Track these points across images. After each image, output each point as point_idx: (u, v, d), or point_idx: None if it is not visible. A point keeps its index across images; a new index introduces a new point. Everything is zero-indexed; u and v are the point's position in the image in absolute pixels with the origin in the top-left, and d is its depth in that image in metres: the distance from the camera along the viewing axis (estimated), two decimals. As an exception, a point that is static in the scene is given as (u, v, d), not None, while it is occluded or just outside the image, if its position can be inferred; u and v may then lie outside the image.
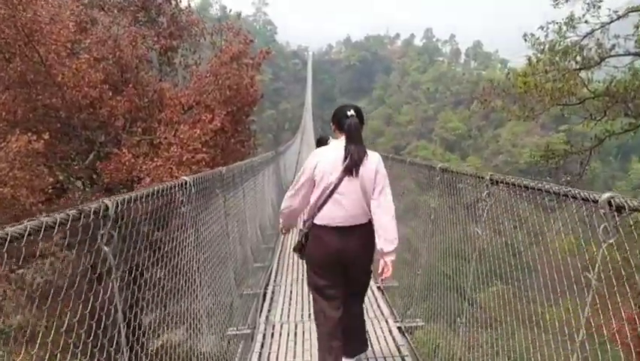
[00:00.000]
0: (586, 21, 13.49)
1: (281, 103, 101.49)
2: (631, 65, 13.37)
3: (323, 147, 3.22)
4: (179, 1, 14.34)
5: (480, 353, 3.22)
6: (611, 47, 13.18)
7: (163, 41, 13.38)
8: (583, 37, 13.41)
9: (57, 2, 11.25)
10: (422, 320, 4.51)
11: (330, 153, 3.07)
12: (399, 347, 4.21)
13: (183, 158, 10.19)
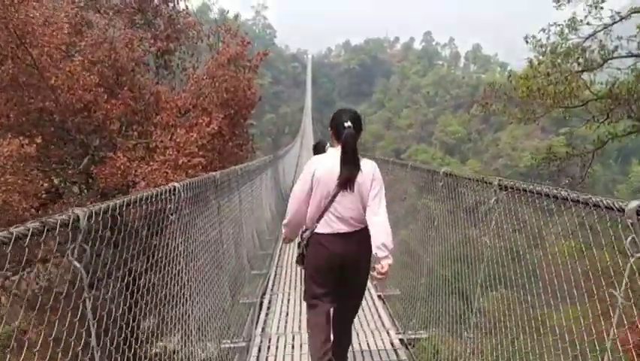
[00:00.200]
0: (588, 23, 13.32)
1: (280, 107, 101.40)
2: (634, 67, 13.19)
3: (320, 155, 3.25)
4: (176, 3, 14.18)
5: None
6: (614, 49, 13.02)
7: (160, 44, 13.19)
8: (585, 39, 13.25)
9: (51, 4, 11.10)
10: (425, 332, 4.29)
11: (327, 162, 3.07)
12: (401, 362, 4.00)
13: (179, 162, 9.99)
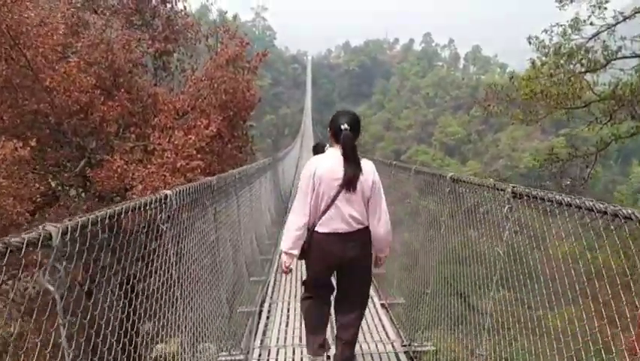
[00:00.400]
0: (591, 23, 13.15)
1: (280, 108, 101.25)
2: (638, 68, 13.01)
3: (319, 156, 3.26)
4: (174, 3, 14.01)
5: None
6: (618, 49, 12.85)
7: (158, 45, 13.02)
8: (588, 39, 13.07)
9: (47, 5, 10.91)
10: (432, 345, 4.10)
11: (327, 162, 3.10)
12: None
13: (177, 165, 9.81)
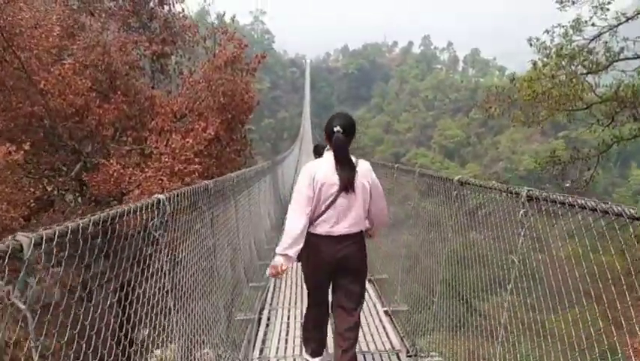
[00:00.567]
0: (593, 24, 13.02)
1: (279, 112, 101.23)
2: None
3: (317, 160, 3.29)
4: (172, 5, 13.87)
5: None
6: (620, 50, 12.71)
7: (155, 47, 12.87)
8: (590, 40, 12.94)
9: (43, 7, 10.76)
10: (440, 355, 3.92)
11: (324, 166, 3.11)
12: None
13: (175, 169, 9.63)
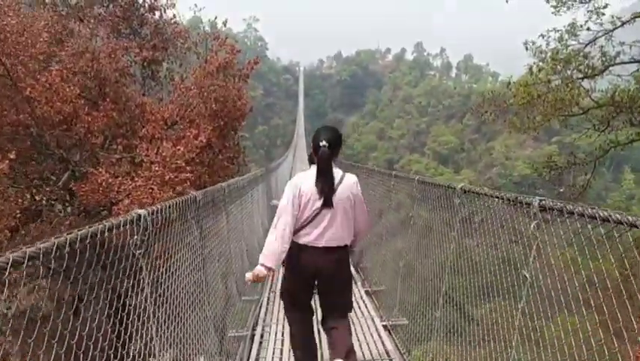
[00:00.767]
0: (588, 28, 12.95)
1: (273, 119, 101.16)
2: (636, 73, 12.79)
3: (303, 173, 3.28)
4: (163, 11, 13.67)
5: None
6: (616, 55, 12.64)
7: (146, 53, 12.65)
8: (586, 44, 12.86)
9: (30, 12, 10.52)
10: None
11: (310, 179, 3.13)
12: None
13: (166, 178, 9.37)
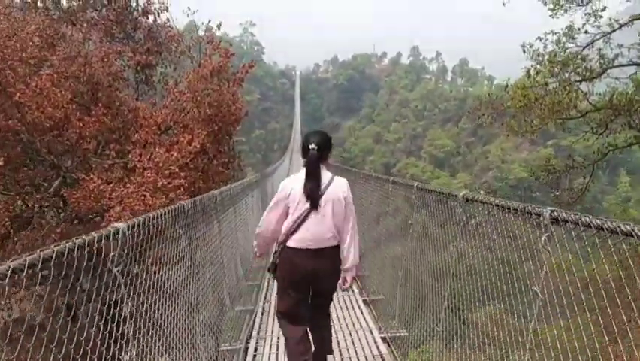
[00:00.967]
0: (586, 31, 12.86)
1: (269, 123, 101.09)
2: (634, 76, 12.70)
3: (293, 176, 3.35)
4: (157, 15, 13.50)
5: None
6: (614, 57, 12.53)
7: (139, 57, 12.48)
8: (584, 47, 12.76)
9: (21, 16, 10.34)
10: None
11: (300, 181, 3.22)
12: None
13: (158, 184, 9.17)
